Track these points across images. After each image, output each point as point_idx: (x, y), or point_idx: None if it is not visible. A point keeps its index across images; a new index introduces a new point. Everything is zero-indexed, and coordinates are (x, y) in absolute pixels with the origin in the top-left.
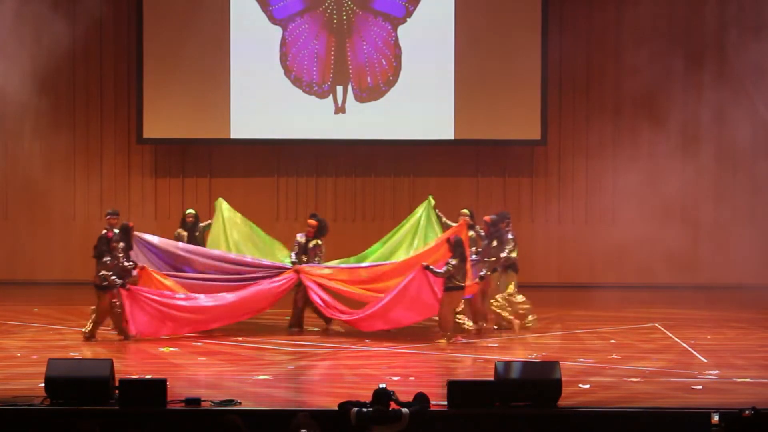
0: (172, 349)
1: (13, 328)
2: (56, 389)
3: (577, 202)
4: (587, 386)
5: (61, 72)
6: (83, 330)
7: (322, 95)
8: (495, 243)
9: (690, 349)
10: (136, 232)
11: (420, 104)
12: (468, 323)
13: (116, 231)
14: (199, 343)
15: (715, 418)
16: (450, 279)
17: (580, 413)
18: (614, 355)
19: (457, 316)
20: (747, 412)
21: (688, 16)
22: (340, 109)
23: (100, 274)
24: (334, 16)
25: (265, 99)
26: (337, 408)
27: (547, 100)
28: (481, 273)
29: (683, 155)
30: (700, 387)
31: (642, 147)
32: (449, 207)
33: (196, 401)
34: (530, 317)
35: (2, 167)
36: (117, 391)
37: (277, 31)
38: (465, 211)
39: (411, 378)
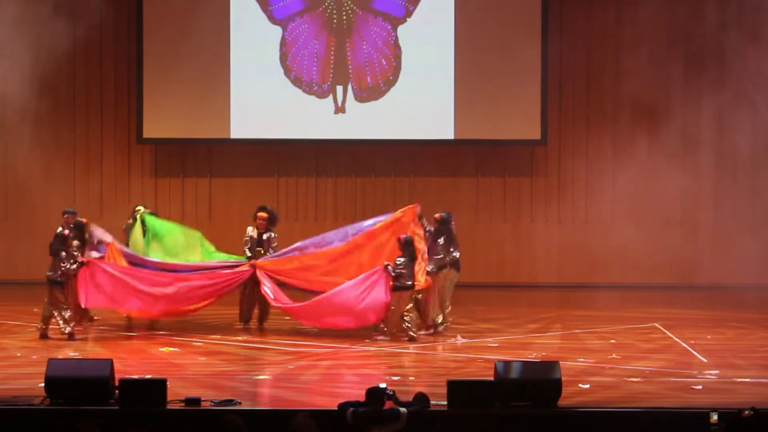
0: (172, 349)
1: (13, 328)
2: (56, 389)
3: (577, 202)
4: (587, 386)
5: (61, 72)
6: (63, 331)
7: (322, 95)
8: (442, 241)
9: (690, 349)
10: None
11: (420, 104)
12: (413, 331)
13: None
14: (199, 343)
15: (714, 417)
16: (398, 278)
17: (580, 413)
18: (614, 355)
19: (405, 319)
20: (746, 412)
21: (687, 16)
22: (340, 109)
23: (60, 269)
24: (334, 16)
25: (265, 99)
26: (337, 408)
27: (547, 100)
28: (428, 269)
29: (683, 156)
30: (700, 387)
31: (642, 147)
32: (449, 207)
33: (196, 401)
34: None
35: (2, 167)
36: (117, 391)
37: (277, 31)
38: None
39: (411, 378)
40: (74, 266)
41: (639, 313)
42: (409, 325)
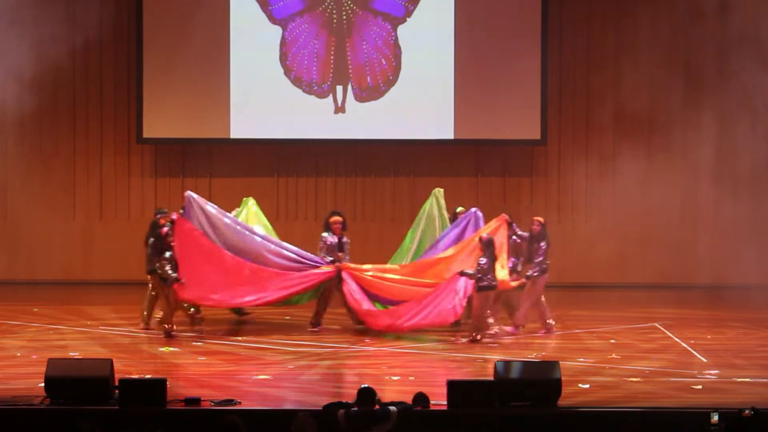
0: (172, 348)
1: (13, 327)
2: (56, 389)
3: (577, 201)
4: (587, 386)
5: (60, 72)
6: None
7: (321, 95)
8: (544, 244)
9: (690, 349)
10: (197, 198)
11: (420, 104)
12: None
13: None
14: (199, 343)
15: (715, 418)
16: (482, 279)
17: (580, 413)
18: (614, 355)
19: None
20: (746, 411)
21: (688, 21)
22: (339, 109)
23: (165, 269)
24: (334, 16)
25: (264, 99)
26: (322, 409)
27: (547, 99)
28: (530, 272)
29: (684, 156)
30: (700, 387)
31: (642, 147)
32: (450, 207)
33: (196, 401)
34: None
35: (2, 167)
36: (117, 391)
37: (276, 31)
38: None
39: (411, 378)
40: (172, 273)
41: (639, 313)
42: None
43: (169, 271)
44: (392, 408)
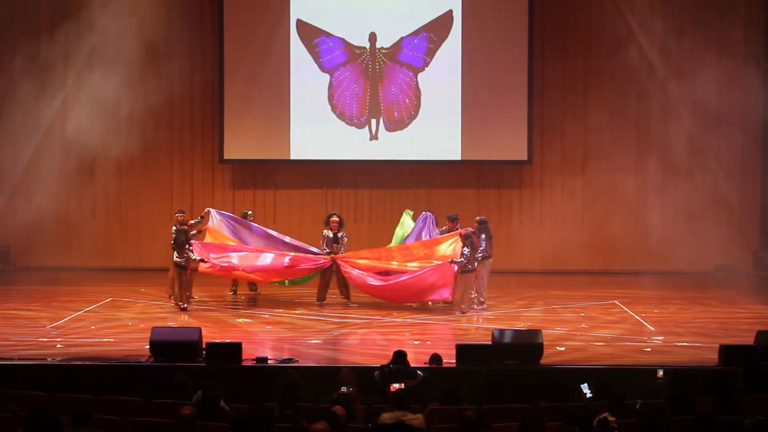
0: (246, 320)
1: (125, 303)
2: (158, 350)
3: (554, 207)
4: (563, 348)
5: (162, 113)
6: (178, 303)
7: (360, 126)
8: (483, 236)
9: (641, 320)
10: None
11: (434, 133)
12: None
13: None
14: (267, 315)
15: (660, 373)
16: (465, 265)
17: (557, 369)
18: (583, 325)
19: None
20: (660, 373)
21: (639, 71)
22: (373, 137)
23: (184, 257)
24: (369, 66)
25: (316, 129)
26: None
27: (532, 129)
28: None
29: (635, 169)
30: (649, 349)
31: (603, 167)
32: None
33: (264, 360)
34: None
35: (119, 180)
36: (204, 352)
37: (325, 78)
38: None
39: (428, 342)
40: (194, 257)
41: (602, 293)
42: (474, 298)
43: (193, 256)
44: (419, 373)
